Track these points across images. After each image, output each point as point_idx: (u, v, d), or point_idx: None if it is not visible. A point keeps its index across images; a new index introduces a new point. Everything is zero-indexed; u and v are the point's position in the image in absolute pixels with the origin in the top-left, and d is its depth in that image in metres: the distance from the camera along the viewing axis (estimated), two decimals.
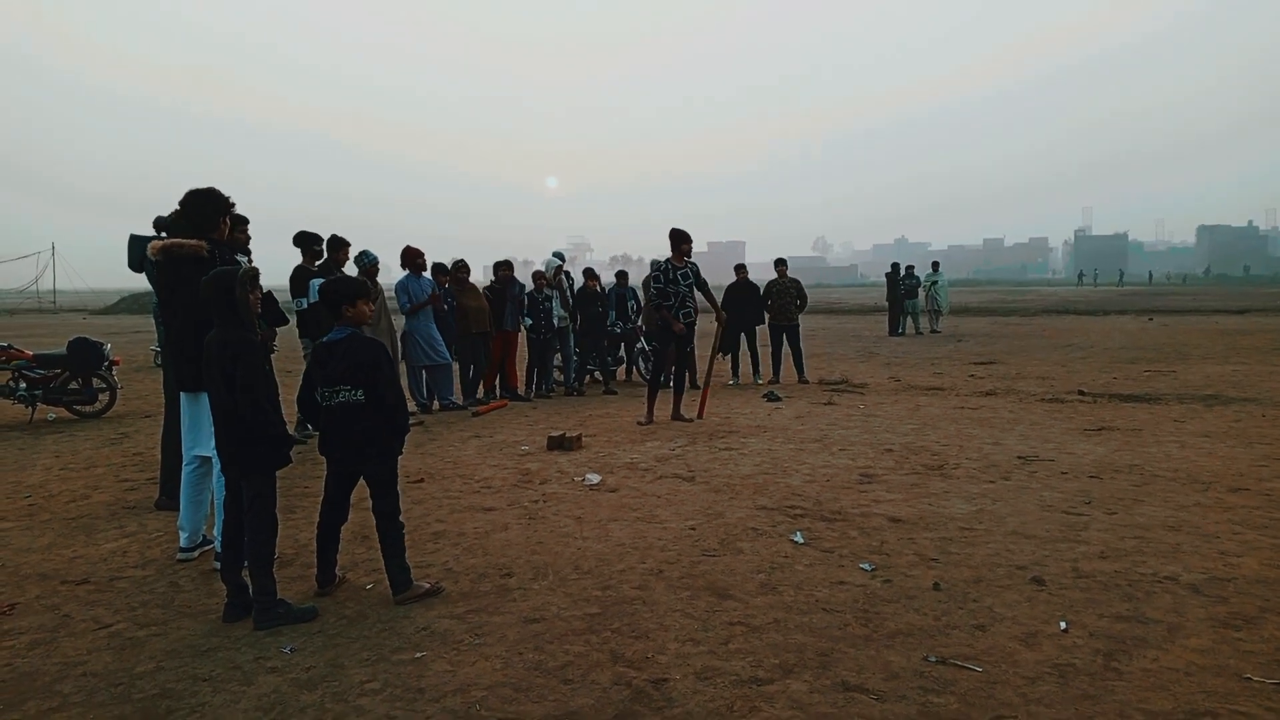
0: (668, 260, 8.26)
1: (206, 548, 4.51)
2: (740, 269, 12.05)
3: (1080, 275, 48.50)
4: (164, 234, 5.14)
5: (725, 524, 4.78)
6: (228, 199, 4.55)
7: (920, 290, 21.23)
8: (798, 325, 11.94)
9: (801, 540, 4.43)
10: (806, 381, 11.51)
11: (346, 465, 3.79)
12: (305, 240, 8.20)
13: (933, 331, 20.96)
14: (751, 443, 7.17)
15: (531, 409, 9.77)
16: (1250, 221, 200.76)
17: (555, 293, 11.19)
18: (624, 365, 12.57)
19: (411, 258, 9.49)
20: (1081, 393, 10.22)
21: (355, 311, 3.77)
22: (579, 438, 7.13)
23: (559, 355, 11.48)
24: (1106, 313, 30.16)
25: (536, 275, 11.12)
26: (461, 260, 10.42)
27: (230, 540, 3.67)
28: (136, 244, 5.72)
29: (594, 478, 5.90)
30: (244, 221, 8.25)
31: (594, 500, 5.37)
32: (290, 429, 4.73)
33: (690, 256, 8.28)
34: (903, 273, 21.48)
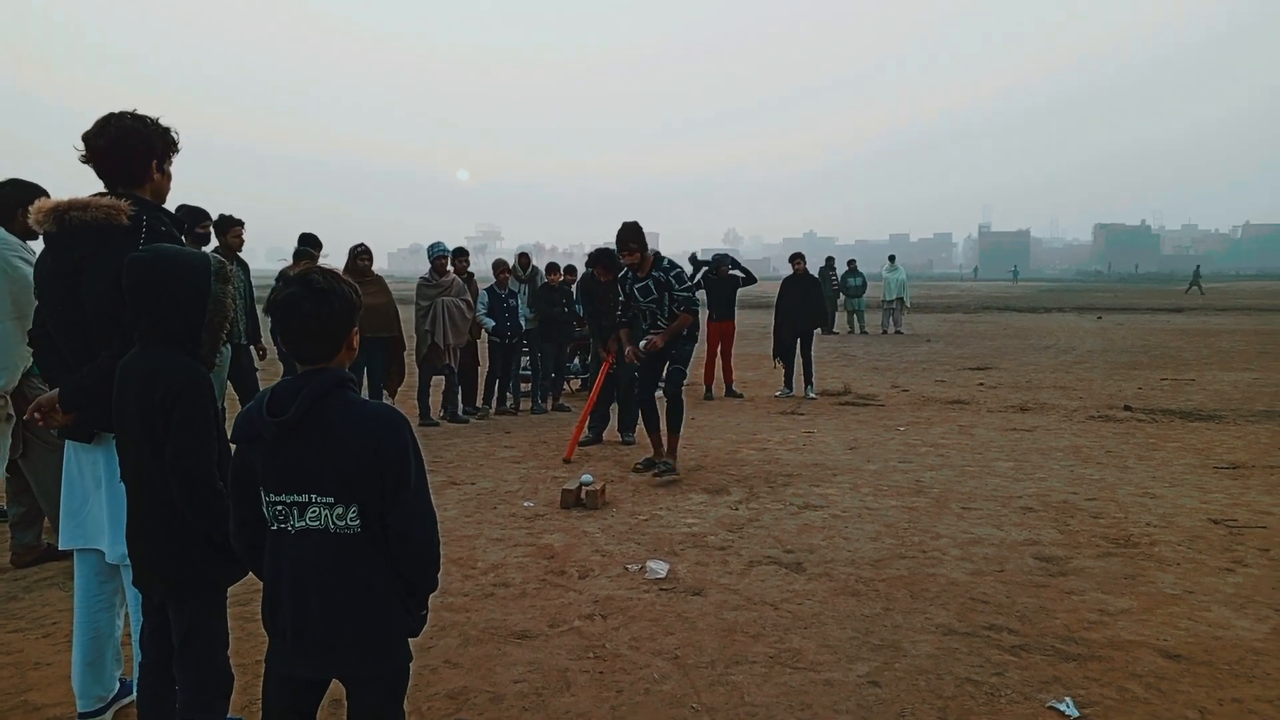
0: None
1: (125, 700, 2.71)
2: (797, 259, 10.32)
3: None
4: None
5: (917, 668, 3.04)
6: (168, 130, 2.50)
7: (890, 284, 19.93)
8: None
9: (1074, 712, 2.74)
10: (814, 397, 9.88)
11: (309, 670, 1.83)
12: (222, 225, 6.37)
13: (896, 332, 19.75)
14: (831, 495, 5.44)
15: (505, 434, 7.82)
16: (1143, 221, 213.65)
17: (523, 288, 9.27)
18: (581, 376, 10.68)
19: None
20: (1128, 408, 9.05)
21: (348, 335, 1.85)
22: (603, 490, 5.26)
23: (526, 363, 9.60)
24: (1047, 310, 29.99)
25: (499, 266, 9.16)
26: (362, 245, 7.59)
27: (153, 695, 2.27)
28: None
29: (659, 568, 4.05)
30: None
31: (680, 615, 3.54)
32: None
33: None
34: (844, 268, 20.13)
